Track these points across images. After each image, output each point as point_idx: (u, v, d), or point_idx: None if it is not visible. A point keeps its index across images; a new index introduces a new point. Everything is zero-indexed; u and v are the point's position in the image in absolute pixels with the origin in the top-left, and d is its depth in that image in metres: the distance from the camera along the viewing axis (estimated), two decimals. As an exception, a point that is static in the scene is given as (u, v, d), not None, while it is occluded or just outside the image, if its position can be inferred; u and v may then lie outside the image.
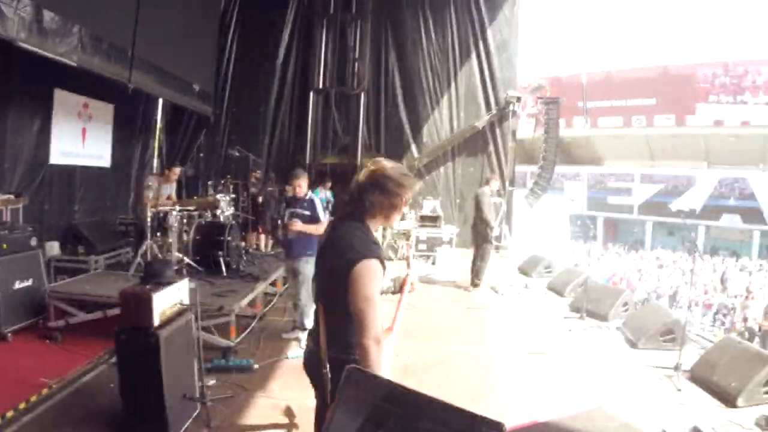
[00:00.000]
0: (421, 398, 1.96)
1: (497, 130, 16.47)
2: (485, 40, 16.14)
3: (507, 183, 16.36)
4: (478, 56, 16.21)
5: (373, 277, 2.67)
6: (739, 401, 5.61)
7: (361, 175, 2.92)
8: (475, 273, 10.55)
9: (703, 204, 39.22)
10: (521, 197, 17.30)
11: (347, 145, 16.12)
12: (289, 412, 4.99)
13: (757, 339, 14.30)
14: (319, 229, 6.80)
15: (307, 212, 6.75)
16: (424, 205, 14.98)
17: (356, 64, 15.97)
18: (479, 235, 10.45)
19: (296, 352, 6.46)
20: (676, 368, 6.24)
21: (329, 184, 13.98)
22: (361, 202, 2.85)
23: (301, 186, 6.85)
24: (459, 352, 6.88)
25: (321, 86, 15.99)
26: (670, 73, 40.03)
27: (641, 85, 40.25)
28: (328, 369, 2.72)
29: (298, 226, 6.62)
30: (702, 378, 6.16)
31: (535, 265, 12.81)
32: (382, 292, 3.13)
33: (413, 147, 16.19)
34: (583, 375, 6.37)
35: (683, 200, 39.06)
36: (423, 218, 14.56)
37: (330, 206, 13.58)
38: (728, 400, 5.70)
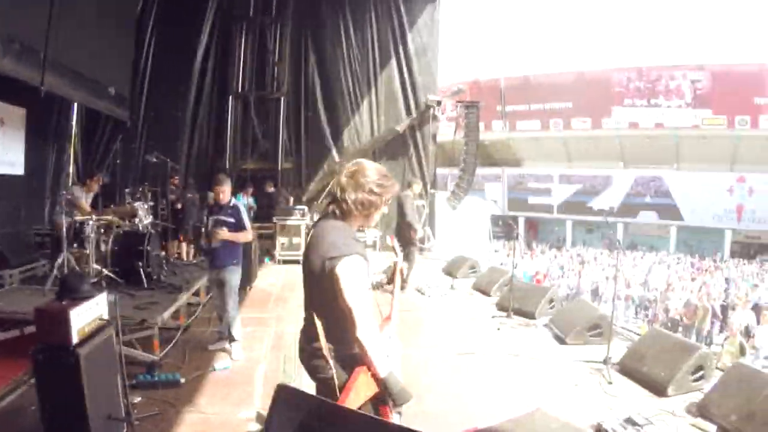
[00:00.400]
0: (349, 414, 2.05)
1: (418, 134, 16.69)
2: (405, 45, 16.30)
3: (429, 186, 16.61)
4: (398, 60, 16.36)
5: (357, 273, 2.84)
6: (669, 390, 5.86)
7: (343, 176, 3.02)
8: (400, 276, 10.51)
9: (621, 202, 41.03)
10: (443, 199, 17.50)
11: (267, 150, 16.01)
12: (218, 427, 4.91)
13: (680, 329, 14.90)
14: (245, 236, 6.79)
15: (231, 219, 6.57)
16: None
17: (276, 68, 15.89)
18: (403, 238, 10.49)
19: (223, 363, 6.33)
20: (606, 362, 6.45)
21: (251, 190, 13.92)
22: (343, 201, 2.97)
23: (225, 192, 6.63)
24: None
25: (240, 90, 15.86)
26: (586, 77, 41.66)
27: (558, 89, 41.88)
28: (332, 365, 2.86)
29: (224, 234, 6.46)
30: (631, 370, 6.41)
31: (459, 266, 13.02)
32: (376, 287, 3.28)
33: (334, 151, 16.17)
34: (515, 374, 6.50)
35: (601, 199, 40.47)
36: None
37: (252, 212, 13.51)
38: (658, 389, 5.93)
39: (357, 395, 2.75)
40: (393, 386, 2.85)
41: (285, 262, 13.32)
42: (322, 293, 2.92)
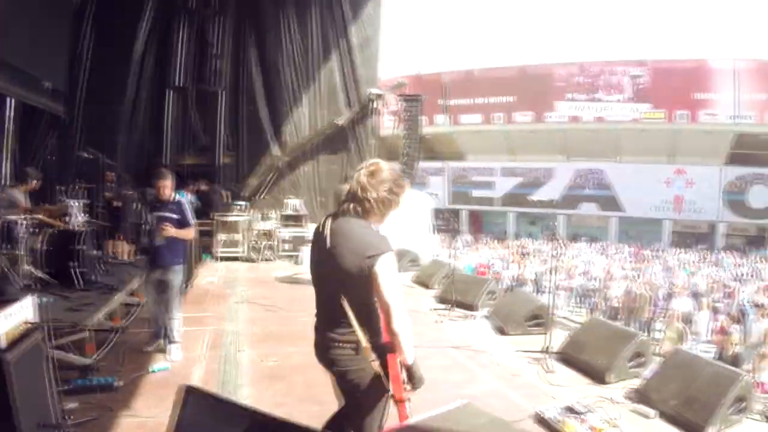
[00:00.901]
0: (258, 417, 2.10)
1: (359, 128, 16.81)
2: (347, 38, 16.34)
3: (370, 180, 16.64)
4: (340, 54, 16.39)
5: (393, 269, 3.03)
6: (609, 378, 6.04)
7: (362, 175, 3.12)
8: None
9: (562, 194, 41.97)
10: None
11: (207, 145, 15.88)
12: (155, 431, 4.67)
13: (620, 318, 15.26)
14: (190, 233, 6.67)
15: (175, 216, 6.32)
16: (287, 205, 14.95)
17: (216, 61, 15.72)
18: None
19: (160, 365, 6.12)
20: (546, 351, 6.67)
21: (193, 187, 13.75)
22: (366, 200, 3.09)
23: (168, 187, 6.39)
24: None
25: (179, 84, 15.62)
26: (529, 72, 42.61)
27: (501, 83, 42.71)
28: (375, 357, 3.01)
29: (172, 231, 6.19)
30: (571, 358, 6.62)
31: (400, 260, 12.97)
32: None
33: (274, 146, 16.16)
34: (456, 366, 6.59)
35: (543, 192, 41.27)
36: (286, 218, 14.55)
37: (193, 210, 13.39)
38: (598, 377, 6.13)
39: (399, 382, 3.03)
40: (416, 372, 3.07)
41: (224, 259, 13.23)
42: (356, 288, 3.05)
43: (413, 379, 3.08)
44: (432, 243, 19.36)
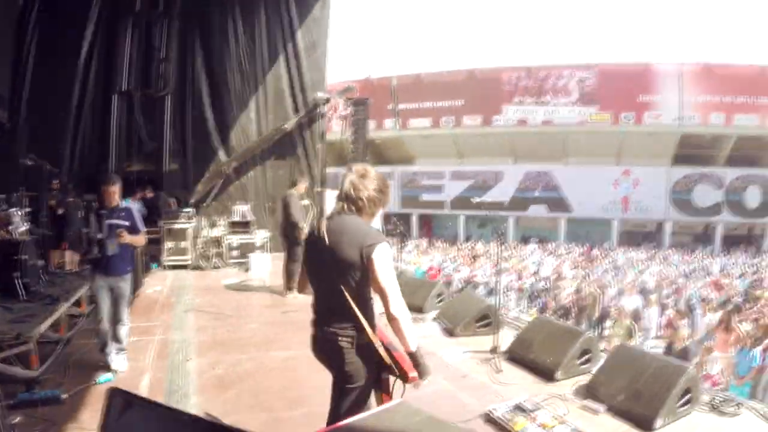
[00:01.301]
0: (186, 418, 2.05)
1: (306, 132, 16.75)
2: (294, 42, 16.28)
3: (318, 184, 16.78)
4: (287, 58, 16.32)
5: (389, 257, 3.38)
6: (557, 375, 6.19)
7: (355, 178, 3.51)
8: (289, 276, 10.54)
9: (512, 197, 42.71)
10: (333, 198, 17.33)
11: (153, 151, 15.55)
12: None
13: (571, 316, 15.57)
14: (143, 239, 6.66)
15: (126, 222, 6.21)
16: (234, 211, 14.88)
17: (162, 65, 15.41)
18: (289, 238, 10.62)
19: (106, 376, 6.01)
20: (494, 351, 6.80)
21: (141, 194, 13.60)
22: (359, 199, 3.47)
23: (116, 193, 6.27)
24: (276, 358, 6.84)
25: (125, 89, 15.24)
26: (477, 76, 43.32)
27: (449, 87, 43.41)
28: (381, 347, 3.38)
29: (128, 238, 6.11)
30: (520, 357, 6.75)
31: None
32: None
33: (221, 151, 15.92)
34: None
35: (492, 194, 41.93)
36: (234, 224, 14.41)
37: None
38: (547, 375, 6.26)
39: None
40: (420, 359, 3.39)
41: (172, 267, 13.12)
42: (354, 279, 3.34)
43: (419, 366, 3.40)
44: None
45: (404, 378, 3.42)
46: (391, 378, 3.60)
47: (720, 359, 10.72)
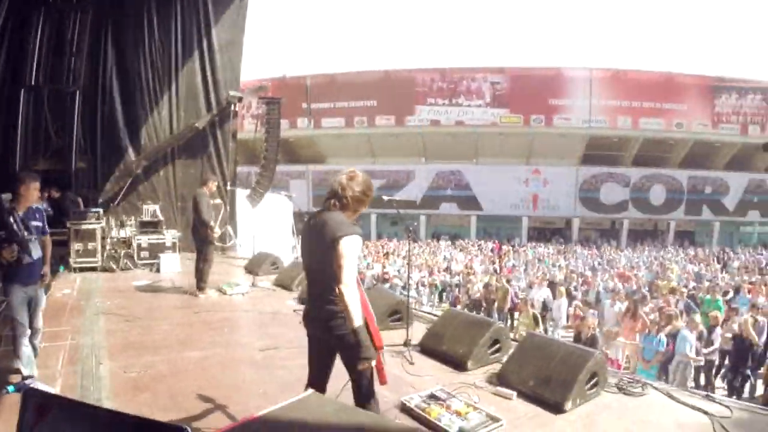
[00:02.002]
0: (105, 414, 2.09)
1: (218, 131, 16.54)
2: (210, 39, 16.03)
3: (229, 183, 16.64)
4: (201, 55, 16.06)
5: (355, 246, 3.82)
6: (469, 365, 6.31)
7: (343, 179, 3.97)
8: (200, 276, 10.47)
9: (424, 195, 43.33)
10: (244, 197, 17.39)
11: (61, 149, 14.89)
12: None
13: (482, 310, 15.91)
14: (49, 244, 6.23)
15: (41, 224, 5.86)
16: (144, 211, 14.47)
17: (73, 60, 14.81)
18: (199, 238, 10.47)
19: (12, 386, 5.53)
20: (406, 344, 6.89)
21: (47, 194, 13.12)
22: (344, 197, 3.93)
23: (37, 191, 5.94)
24: (191, 359, 6.66)
25: (33, 83, 14.60)
26: (391, 77, 43.68)
27: (363, 87, 43.67)
28: (360, 325, 3.72)
29: (48, 240, 5.87)
30: (432, 349, 6.85)
31: (261, 263, 13.12)
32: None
33: (131, 149, 15.51)
34: None
35: (404, 193, 42.49)
36: (143, 224, 13.94)
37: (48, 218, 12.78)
38: (459, 365, 6.37)
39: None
40: (362, 337, 3.72)
41: (81, 269, 12.59)
42: (331, 264, 3.76)
43: (360, 343, 3.73)
44: (295, 247, 19.46)
45: (374, 345, 3.87)
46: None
47: (627, 345, 11.51)
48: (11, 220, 5.61)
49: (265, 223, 17.14)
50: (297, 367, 6.38)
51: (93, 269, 12.60)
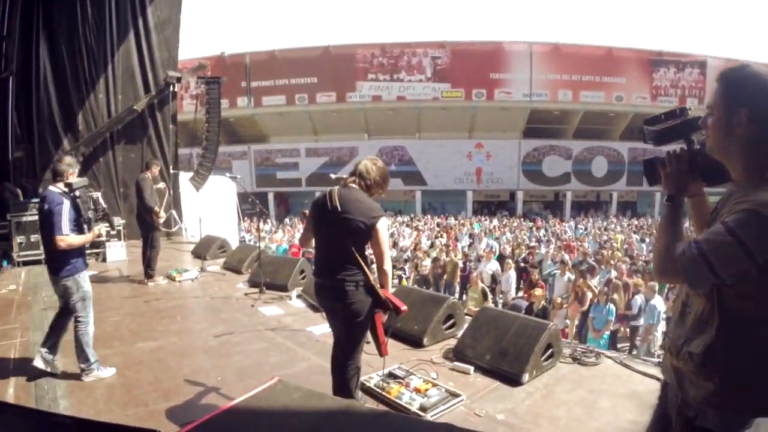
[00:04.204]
0: (63, 421, 1.93)
1: (157, 113, 16.29)
2: (145, 18, 15.67)
3: (171, 166, 16.46)
4: (137, 35, 15.67)
5: (386, 228, 4.41)
6: (425, 341, 6.50)
7: (368, 164, 4.51)
8: (147, 263, 10.42)
9: (367, 171, 43.87)
10: (187, 180, 17.16)
11: None
12: None
13: (431, 285, 16.03)
14: None
15: None
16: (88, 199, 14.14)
17: (4, 44, 14.31)
18: (145, 224, 10.39)
19: None
20: None
21: None
22: (369, 179, 4.42)
23: None
24: (144, 349, 6.61)
25: None
26: (331, 53, 43.55)
27: (304, 64, 43.41)
28: (378, 288, 4.28)
29: None
30: (386, 327, 6.81)
31: (208, 247, 13.11)
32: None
33: (69, 136, 15.08)
34: (275, 348, 6.68)
35: (348, 169, 42.60)
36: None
37: None
38: (415, 342, 6.54)
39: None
40: (383, 298, 4.28)
41: (25, 263, 12.36)
42: (359, 239, 4.26)
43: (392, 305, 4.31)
44: (241, 228, 19.32)
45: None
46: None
47: (574, 316, 11.95)
48: None
49: (210, 205, 16.95)
50: (253, 351, 6.56)
51: (38, 262, 12.29)
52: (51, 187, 5.62)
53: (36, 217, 12.43)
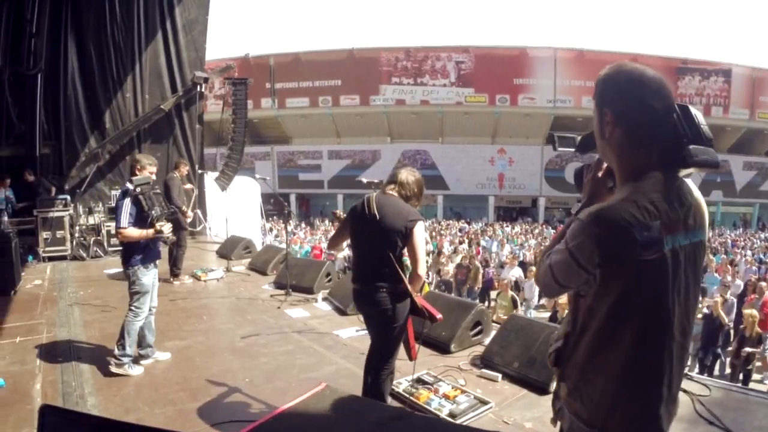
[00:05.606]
0: (129, 429, 1.96)
1: (184, 113, 16.34)
2: (173, 19, 15.73)
3: (197, 167, 16.47)
4: (165, 35, 15.73)
5: (424, 232, 4.43)
6: (452, 347, 6.47)
7: (407, 173, 4.57)
8: (174, 263, 10.45)
9: (389, 175, 43.92)
10: (212, 180, 17.17)
11: (24, 134, 14.46)
12: None
13: (453, 290, 15.97)
14: None
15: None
16: (112, 196, 14.20)
17: (33, 41, 14.28)
18: (172, 223, 10.36)
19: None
20: None
21: (8, 181, 12.86)
22: (407, 190, 4.45)
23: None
24: (172, 348, 6.54)
25: None
26: (355, 56, 43.64)
27: (328, 67, 43.66)
28: (415, 296, 4.27)
29: None
30: (414, 333, 6.87)
31: (234, 247, 13.10)
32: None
33: (96, 133, 15.14)
34: (302, 350, 6.64)
35: (370, 173, 42.47)
36: (112, 210, 13.40)
37: (11, 206, 12.58)
38: (442, 348, 6.49)
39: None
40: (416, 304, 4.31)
41: (50, 259, 12.36)
42: (397, 243, 4.24)
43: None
44: (266, 229, 19.30)
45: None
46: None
47: None
48: None
49: (234, 206, 16.99)
50: (280, 354, 6.50)
51: (63, 258, 12.39)
52: (128, 184, 5.89)
53: (61, 214, 12.64)
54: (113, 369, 5.63)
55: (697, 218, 1.93)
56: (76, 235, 12.98)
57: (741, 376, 10.39)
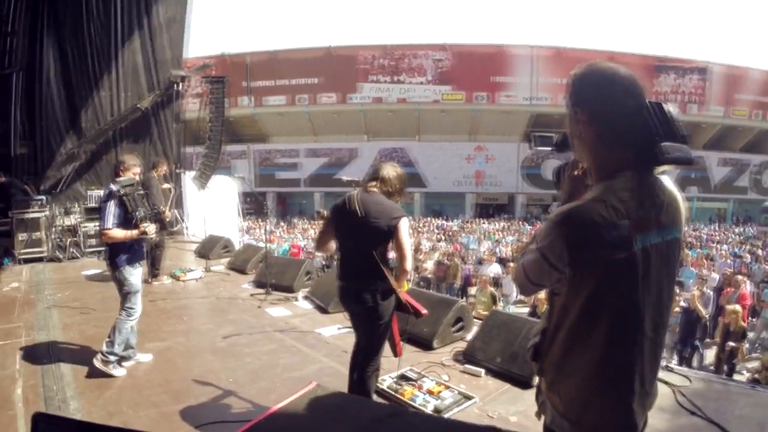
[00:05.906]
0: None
1: (161, 112, 16.24)
2: (150, 17, 15.58)
3: (175, 166, 16.36)
4: (143, 34, 15.59)
5: (408, 228, 4.43)
6: (434, 344, 6.49)
7: (390, 169, 4.54)
8: (152, 262, 10.31)
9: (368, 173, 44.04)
10: (191, 180, 17.07)
11: (0, 133, 14.38)
12: None
13: (432, 287, 16.03)
14: None
15: None
16: (90, 197, 14.14)
17: (9, 40, 14.05)
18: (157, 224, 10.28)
19: None
20: None
21: None
22: (390, 184, 4.44)
23: None
24: (153, 350, 6.45)
25: None
26: (333, 54, 43.66)
27: (305, 65, 43.55)
28: (399, 292, 4.32)
29: None
30: (399, 330, 6.94)
31: (212, 247, 13.05)
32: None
33: (72, 133, 15.00)
34: (284, 349, 6.61)
35: (348, 170, 42.47)
36: (90, 210, 13.43)
37: None
38: (425, 344, 6.51)
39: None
40: (402, 300, 4.38)
41: (27, 261, 12.28)
42: (381, 243, 4.28)
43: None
44: (243, 227, 19.22)
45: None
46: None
47: None
48: None
49: (212, 205, 16.88)
50: (263, 353, 6.47)
51: (40, 260, 12.29)
52: (112, 185, 5.95)
53: (37, 215, 12.51)
54: (98, 364, 5.58)
55: (671, 215, 1.95)
56: (53, 236, 12.84)
57: (726, 368, 10.52)
